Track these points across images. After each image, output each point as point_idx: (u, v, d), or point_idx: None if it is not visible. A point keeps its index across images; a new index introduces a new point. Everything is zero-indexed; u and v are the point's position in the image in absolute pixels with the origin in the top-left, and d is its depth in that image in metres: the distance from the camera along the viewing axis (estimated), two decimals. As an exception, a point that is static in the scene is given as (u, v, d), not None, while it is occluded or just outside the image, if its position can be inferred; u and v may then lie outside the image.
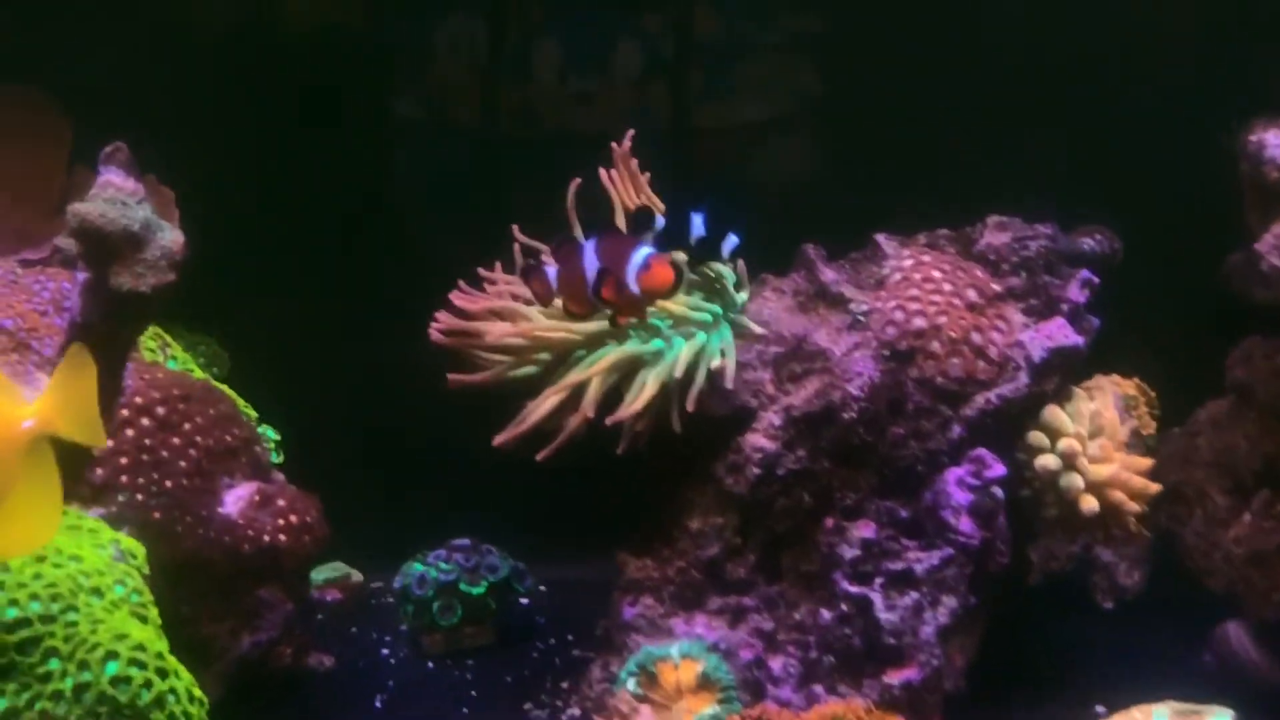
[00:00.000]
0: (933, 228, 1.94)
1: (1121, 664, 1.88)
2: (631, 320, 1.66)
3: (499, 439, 1.73)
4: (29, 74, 2.14)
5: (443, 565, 2.04)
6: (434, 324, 1.78)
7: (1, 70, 2.12)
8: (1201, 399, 2.17)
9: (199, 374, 1.94)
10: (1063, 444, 1.72)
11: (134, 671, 1.30)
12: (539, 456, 1.70)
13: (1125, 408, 2.08)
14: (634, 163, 1.81)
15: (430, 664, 2.01)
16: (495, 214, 1.90)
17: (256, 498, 1.78)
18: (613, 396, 1.70)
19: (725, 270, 1.77)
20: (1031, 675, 1.84)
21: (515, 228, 1.79)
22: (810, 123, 2.52)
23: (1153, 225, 2.10)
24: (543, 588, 2.21)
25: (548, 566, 2.23)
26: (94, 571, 1.40)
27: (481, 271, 1.80)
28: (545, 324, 1.73)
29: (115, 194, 1.51)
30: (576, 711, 1.81)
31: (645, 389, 1.67)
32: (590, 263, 1.60)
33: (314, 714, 1.85)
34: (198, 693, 1.35)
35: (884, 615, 1.62)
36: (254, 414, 1.95)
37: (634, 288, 1.57)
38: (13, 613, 1.31)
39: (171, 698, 1.31)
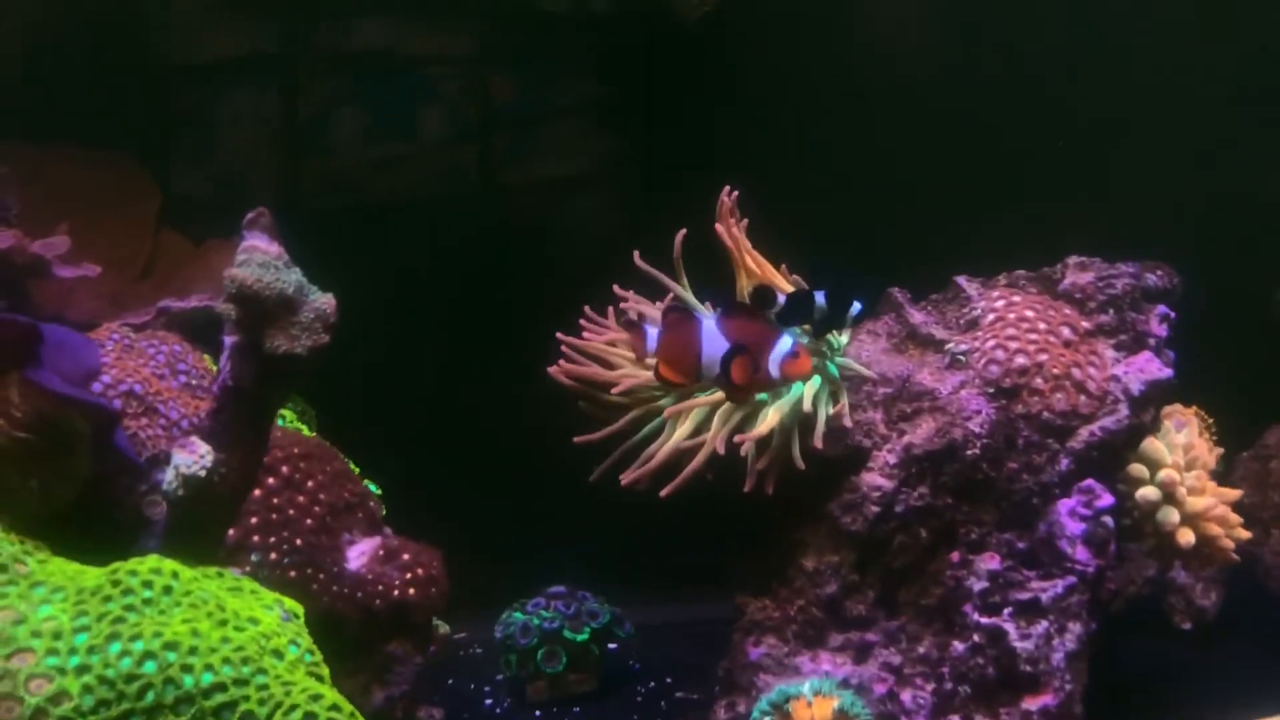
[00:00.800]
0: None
1: (1216, 683, 1.96)
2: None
3: (626, 478, 1.76)
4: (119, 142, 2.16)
5: (544, 613, 2.06)
6: (564, 344, 1.82)
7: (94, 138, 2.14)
8: (1255, 423, 2.28)
9: (308, 432, 1.96)
10: (1162, 475, 1.81)
11: (331, 731, 1.32)
12: (663, 493, 1.74)
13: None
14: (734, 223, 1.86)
15: (538, 712, 2.03)
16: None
17: (381, 552, 1.80)
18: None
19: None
20: (1138, 698, 1.90)
21: (636, 254, 1.82)
22: (611, 179, 2.56)
23: (1190, 257, 2.20)
24: (633, 630, 2.24)
25: (629, 610, 2.26)
26: (271, 633, 1.41)
27: (617, 289, 1.84)
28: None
29: (264, 258, 1.53)
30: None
31: (768, 418, 1.72)
32: (711, 339, 1.59)
33: (435, 767, 1.86)
34: (386, 750, 1.37)
35: (1019, 644, 1.68)
36: (357, 469, 1.97)
37: (775, 373, 1.59)
38: (208, 678, 1.32)
39: (368, 755, 1.33)
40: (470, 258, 2.50)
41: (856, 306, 1.73)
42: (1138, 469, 1.82)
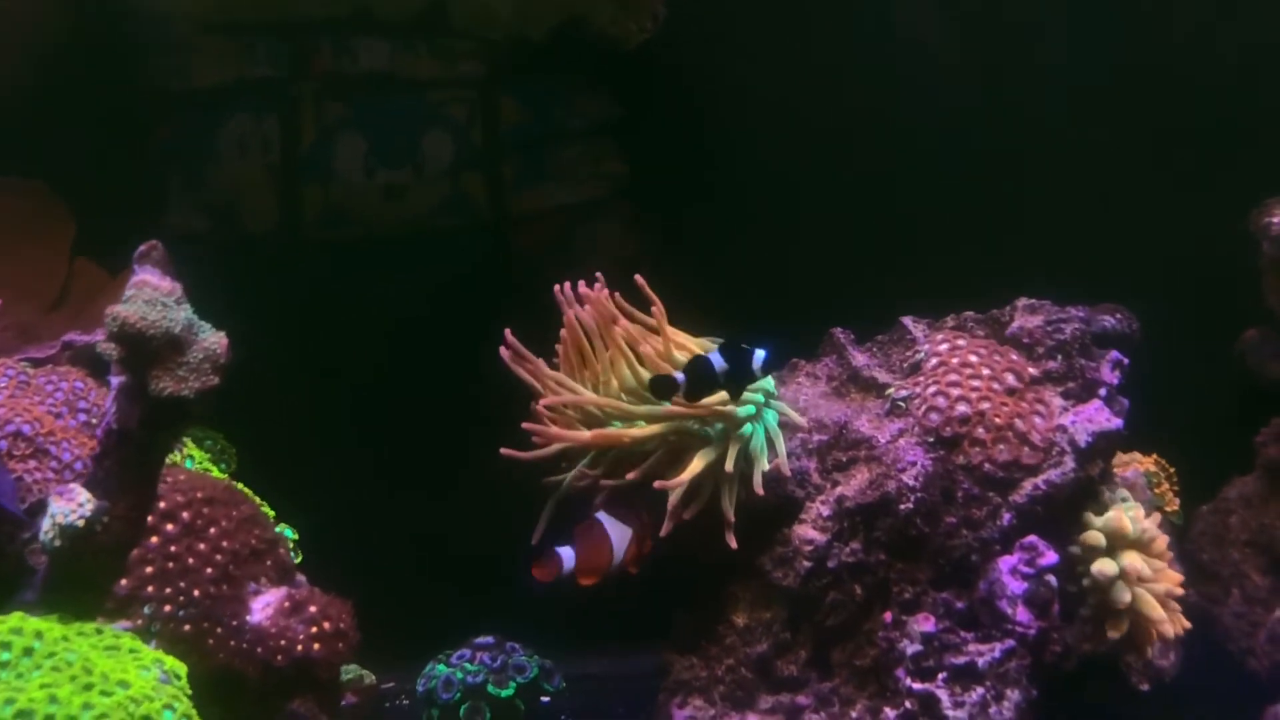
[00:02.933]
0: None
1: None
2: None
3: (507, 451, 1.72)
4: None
5: (468, 666, 1.96)
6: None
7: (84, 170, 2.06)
8: (1216, 473, 2.19)
9: (218, 474, 1.87)
10: (1126, 562, 1.71)
11: (195, 807, 1.22)
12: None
13: (1148, 484, 2.09)
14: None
15: (458, 771, 1.93)
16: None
17: (286, 604, 1.70)
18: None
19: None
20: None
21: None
22: (620, 204, 2.47)
23: (1152, 301, 2.12)
24: (564, 684, 2.14)
25: (563, 661, 2.17)
26: (143, 697, 1.32)
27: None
28: (599, 398, 1.70)
29: (153, 294, 1.44)
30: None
31: (693, 464, 1.64)
32: (619, 537, 1.68)
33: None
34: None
35: (952, 713, 1.59)
36: (272, 513, 1.88)
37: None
38: (63, 748, 1.23)
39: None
40: (473, 291, 2.41)
41: (760, 355, 1.62)
42: (1094, 536, 1.72)
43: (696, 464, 1.63)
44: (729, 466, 1.61)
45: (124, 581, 1.59)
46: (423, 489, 2.37)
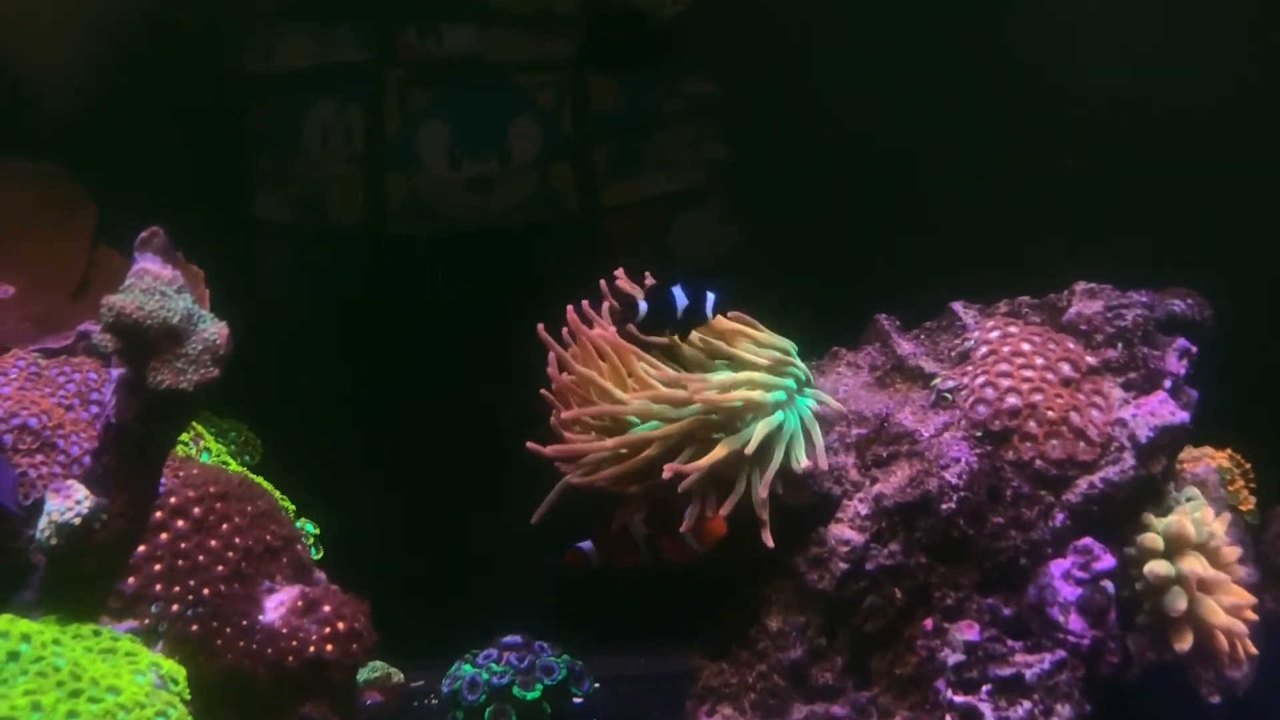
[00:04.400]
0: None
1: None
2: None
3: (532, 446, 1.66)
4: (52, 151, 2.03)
5: (494, 667, 1.89)
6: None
7: (24, 148, 2.01)
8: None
9: (235, 466, 1.81)
10: (1184, 566, 1.59)
11: (180, 822, 1.16)
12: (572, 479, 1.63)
13: (1220, 481, 1.96)
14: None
15: (483, 776, 1.86)
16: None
17: (300, 603, 1.64)
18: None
19: (787, 344, 1.68)
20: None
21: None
22: (720, 191, 2.36)
23: (1228, 286, 1.98)
24: (596, 685, 2.07)
25: (598, 660, 2.09)
26: (134, 704, 1.26)
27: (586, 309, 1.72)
28: (634, 406, 1.62)
29: (153, 283, 1.38)
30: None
31: (715, 450, 1.55)
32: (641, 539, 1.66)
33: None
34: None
35: (996, 728, 1.48)
36: (292, 507, 1.82)
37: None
38: (45, 758, 1.17)
39: None
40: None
41: (711, 298, 1.61)
42: (1152, 539, 1.60)
43: (719, 450, 1.54)
44: (750, 449, 1.52)
45: (131, 580, 1.55)
46: (474, 484, 2.30)
